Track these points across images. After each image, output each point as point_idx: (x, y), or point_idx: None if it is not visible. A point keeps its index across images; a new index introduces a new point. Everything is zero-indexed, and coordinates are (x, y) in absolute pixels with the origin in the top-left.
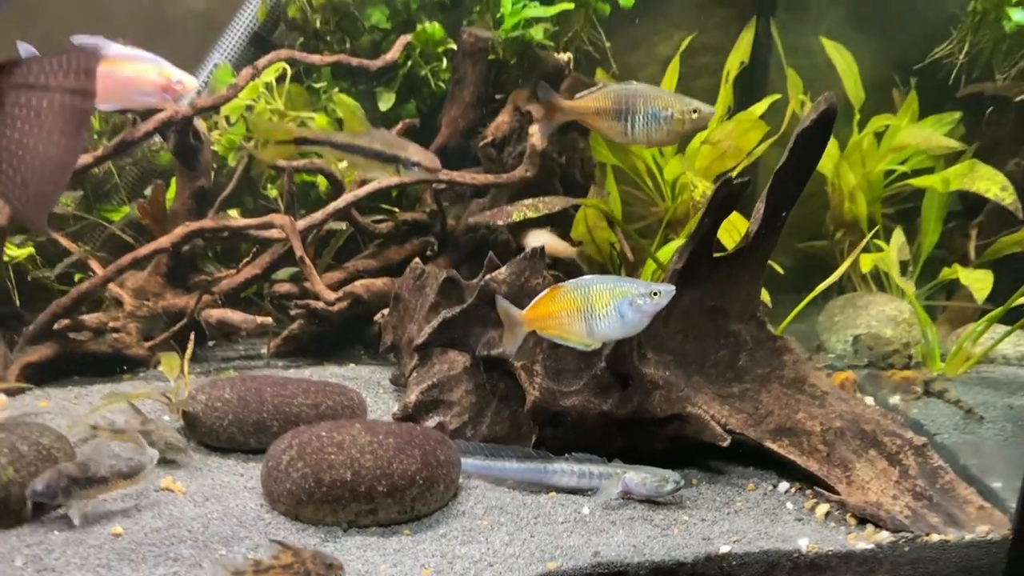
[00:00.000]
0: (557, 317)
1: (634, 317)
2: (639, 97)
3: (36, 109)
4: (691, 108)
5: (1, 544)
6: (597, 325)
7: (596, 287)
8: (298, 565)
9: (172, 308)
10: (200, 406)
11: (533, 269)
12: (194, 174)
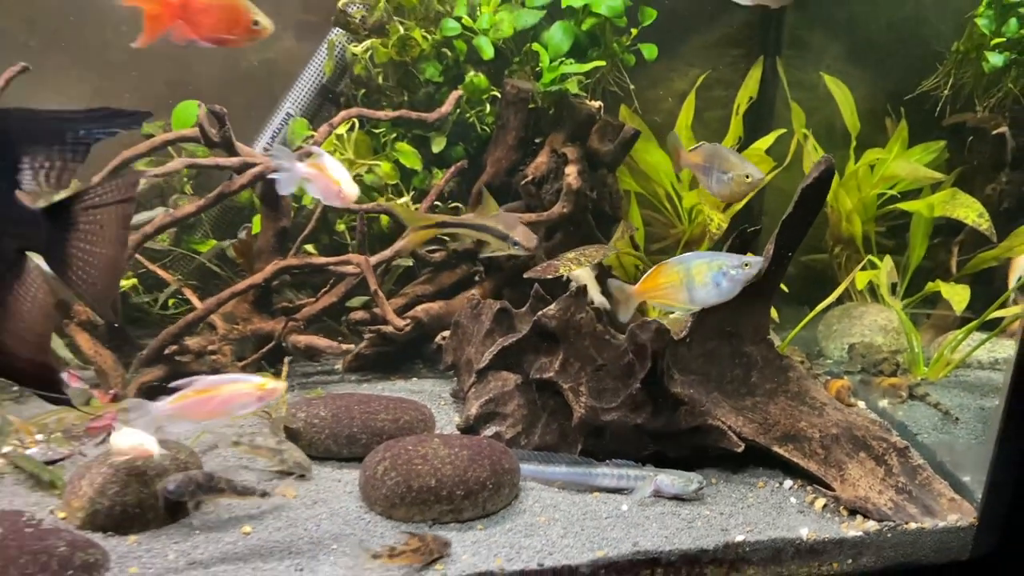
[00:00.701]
0: (663, 288)
1: (728, 285)
2: (716, 158)
3: (99, 223)
4: (745, 173)
5: (154, 541)
6: (697, 293)
7: (696, 262)
8: (423, 547)
9: (259, 332)
10: (300, 423)
11: (578, 305)
12: (277, 216)
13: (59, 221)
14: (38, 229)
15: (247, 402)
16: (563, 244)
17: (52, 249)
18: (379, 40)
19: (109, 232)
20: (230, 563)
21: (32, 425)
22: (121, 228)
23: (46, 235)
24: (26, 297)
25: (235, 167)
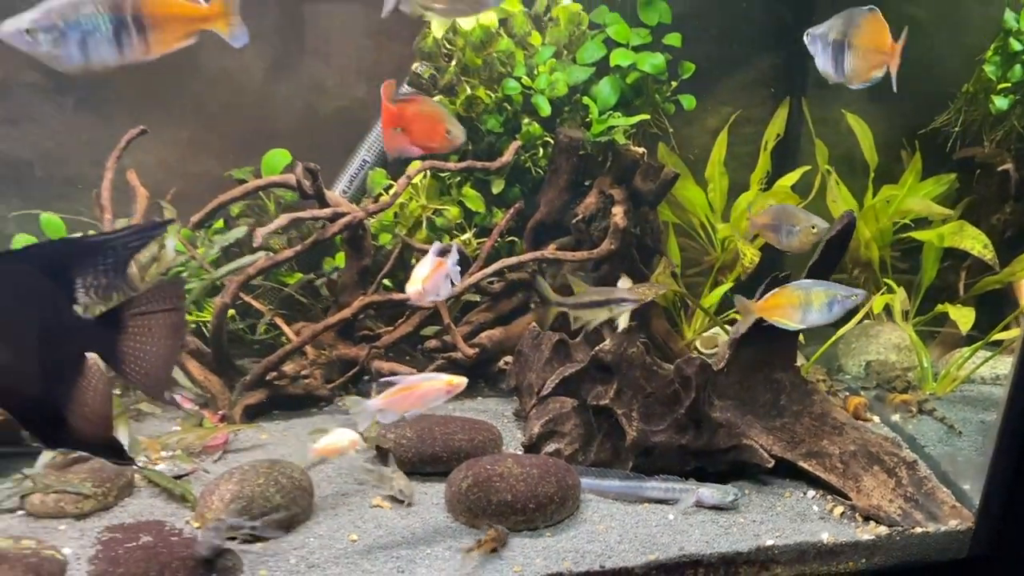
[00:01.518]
0: (782, 307)
1: (837, 310)
2: (783, 215)
3: (148, 326)
4: (811, 224)
5: (277, 548)
6: (810, 315)
7: (815, 288)
8: (500, 535)
9: (344, 357)
10: (391, 442)
11: (630, 341)
12: (359, 256)
13: (111, 326)
14: (93, 335)
15: (439, 396)
16: (608, 275)
17: (106, 350)
18: (447, 98)
19: (157, 334)
20: (343, 566)
21: (158, 443)
22: (168, 330)
23: (100, 339)
24: (88, 388)
25: (328, 217)
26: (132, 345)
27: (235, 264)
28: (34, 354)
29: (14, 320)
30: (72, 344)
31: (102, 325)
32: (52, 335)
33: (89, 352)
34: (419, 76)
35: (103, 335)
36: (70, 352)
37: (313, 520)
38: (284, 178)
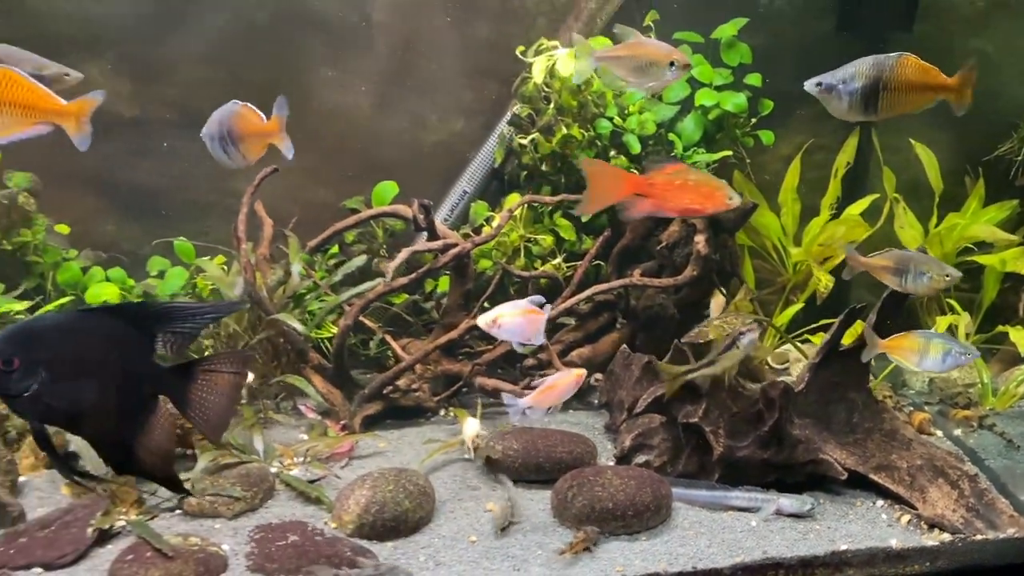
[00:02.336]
0: (904, 349)
1: (951, 362)
2: (910, 261)
3: (214, 381)
4: (945, 272)
5: (407, 547)
6: (926, 362)
7: (935, 340)
8: (590, 536)
9: (448, 372)
10: (499, 453)
11: None
12: (463, 281)
13: (183, 376)
14: (167, 381)
15: (573, 388)
16: (689, 298)
17: (176, 395)
18: (543, 136)
19: (220, 390)
20: (464, 564)
21: (291, 450)
22: (230, 389)
23: (172, 385)
24: (156, 426)
25: (440, 249)
26: (198, 395)
27: (357, 289)
28: (116, 392)
29: (103, 361)
30: (148, 387)
31: (175, 374)
32: (133, 377)
33: (161, 395)
34: (518, 116)
35: (175, 383)
36: (146, 394)
37: (435, 523)
38: (394, 208)
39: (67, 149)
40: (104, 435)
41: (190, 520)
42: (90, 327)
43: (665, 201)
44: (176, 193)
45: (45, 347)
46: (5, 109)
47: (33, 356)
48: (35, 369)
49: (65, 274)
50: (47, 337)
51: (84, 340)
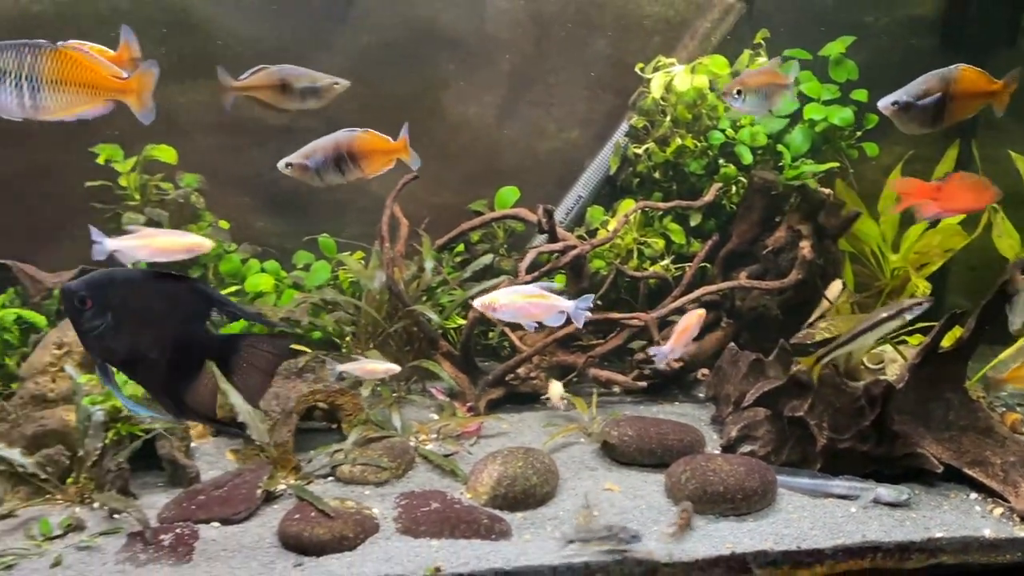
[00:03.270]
0: None
1: None
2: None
3: (254, 355)
4: None
5: (535, 517)
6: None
7: None
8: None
9: (563, 363)
10: (615, 439)
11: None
12: (579, 280)
13: (229, 347)
14: (216, 347)
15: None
16: (791, 300)
17: (221, 360)
18: (658, 146)
19: (259, 364)
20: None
21: (426, 427)
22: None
23: (220, 352)
24: (201, 383)
25: (560, 250)
26: (239, 364)
27: (484, 285)
28: (170, 347)
29: (163, 318)
30: (198, 349)
31: (224, 343)
32: (186, 338)
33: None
34: (634, 127)
35: (223, 350)
36: (198, 355)
37: (559, 498)
38: (515, 212)
39: (230, 154)
40: (155, 383)
41: (342, 486)
42: (158, 287)
43: (950, 203)
44: (318, 194)
45: (116, 295)
46: (73, 89)
47: (104, 301)
48: (104, 313)
49: (227, 265)
50: (119, 287)
51: (150, 296)
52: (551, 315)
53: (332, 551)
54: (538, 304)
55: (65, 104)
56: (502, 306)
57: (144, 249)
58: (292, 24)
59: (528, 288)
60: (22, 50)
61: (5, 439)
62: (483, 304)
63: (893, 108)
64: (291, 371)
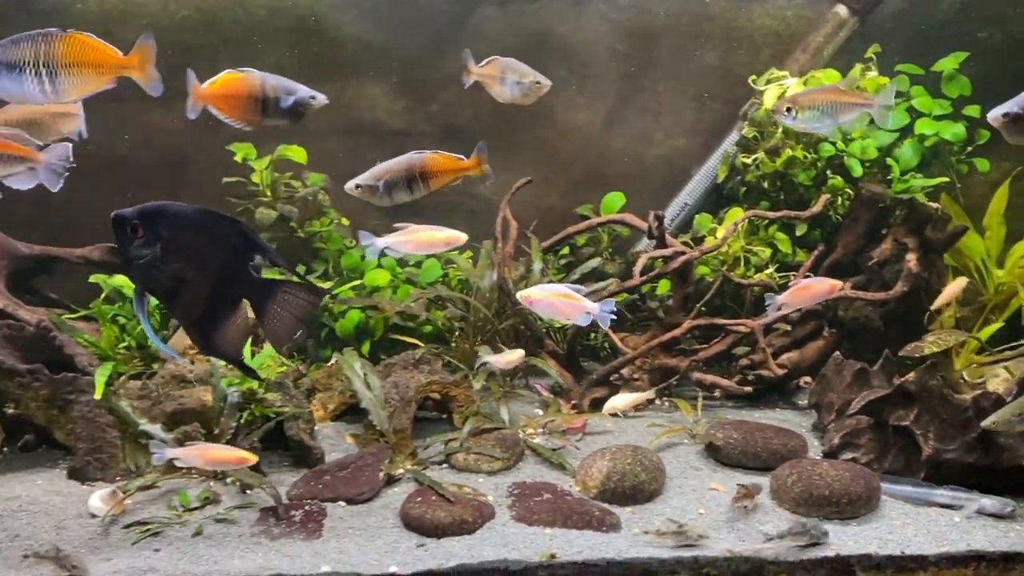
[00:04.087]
0: None
1: None
2: None
3: (289, 302)
4: None
5: (643, 512)
6: None
7: None
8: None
9: (665, 366)
10: (720, 441)
11: (931, 374)
12: (684, 285)
13: (265, 290)
14: (253, 289)
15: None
16: (894, 312)
17: (256, 302)
18: (768, 156)
19: (292, 310)
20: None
21: (533, 422)
22: (300, 312)
23: (256, 293)
24: (234, 322)
25: (670, 255)
26: (273, 308)
27: (593, 287)
28: (211, 284)
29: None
30: (237, 289)
31: (261, 285)
32: (228, 277)
33: (246, 299)
34: (745, 137)
35: (259, 292)
36: (236, 294)
37: (666, 495)
38: (622, 217)
39: (349, 154)
40: (191, 317)
41: (456, 473)
42: (208, 224)
43: None
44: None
45: (166, 227)
46: (85, 70)
47: (155, 231)
48: (153, 243)
49: (347, 260)
50: (171, 220)
51: (200, 233)
52: (578, 314)
53: (452, 534)
54: (567, 303)
55: (80, 85)
56: (536, 300)
57: (409, 243)
58: (412, 32)
59: (560, 287)
60: (36, 39)
61: (147, 415)
62: (522, 297)
63: (1003, 119)
64: (408, 362)
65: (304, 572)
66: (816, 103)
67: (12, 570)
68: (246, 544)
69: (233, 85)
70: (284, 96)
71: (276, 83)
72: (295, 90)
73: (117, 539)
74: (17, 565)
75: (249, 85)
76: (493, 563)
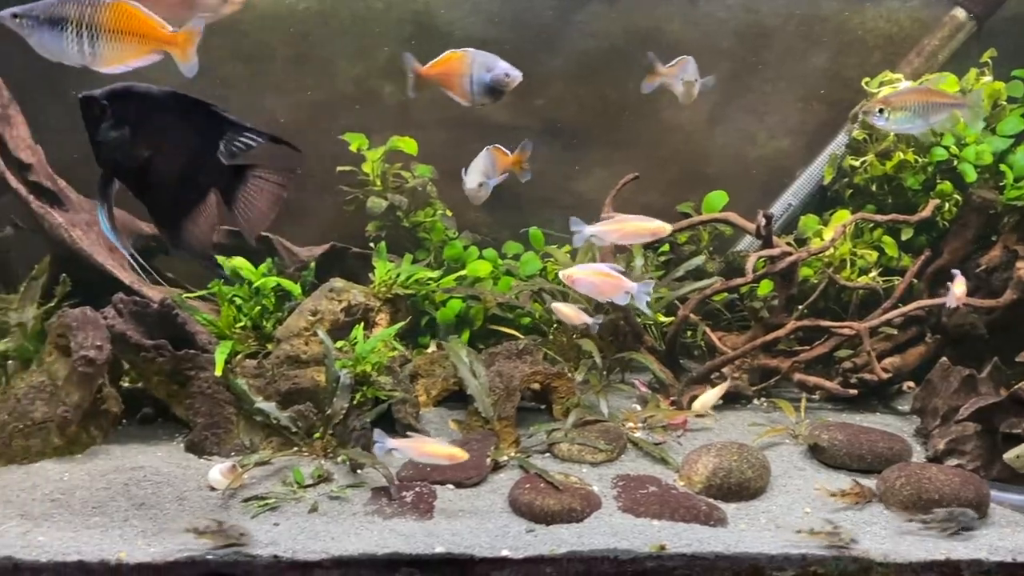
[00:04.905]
0: None
1: None
2: None
3: (260, 187)
4: None
5: (748, 509)
6: None
7: None
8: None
9: (765, 366)
10: (825, 442)
11: None
12: (788, 286)
13: (236, 176)
14: (223, 176)
15: None
16: (1000, 320)
17: (226, 191)
18: (878, 159)
19: (264, 196)
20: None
21: (634, 416)
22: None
23: (226, 181)
24: (203, 212)
25: (778, 256)
26: (244, 195)
27: (696, 285)
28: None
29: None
30: (206, 177)
31: (231, 172)
32: (196, 163)
33: (215, 187)
34: (855, 139)
35: (228, 179)
36: (205, 183)
37: (770, 493)
38: (725, 216)
39: (452, 147)
40: (160, 205)
41: (559, 463)
42: (178, 108)
43: None
44: (527, 189)
45: (135, 109)
46: (128, 39)
47: (123, 113)
48: (121, 124)
49: (450, 251)
50: (140, 101)
51: (169, 115)
52: (618, 294)
53: (561, 521)
54: (608, 282)
55: (120, 53)
56: (578, 279)
57: (615, 233)
58: (520, 28)
59: (601, 266)
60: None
61: (262, 394)
62: (564, 276)
63: None
64: (512, 352)
65: (419, 551)
66: (907, 104)
67: (140, 536)
68: (360, 522)
69: (449, 64)
70: (483, 73)
71: (482, 60)
72: (494, 66)
73: (237, 512)
74: (146, 532)
75: (460, 63)
76: (603, 551)
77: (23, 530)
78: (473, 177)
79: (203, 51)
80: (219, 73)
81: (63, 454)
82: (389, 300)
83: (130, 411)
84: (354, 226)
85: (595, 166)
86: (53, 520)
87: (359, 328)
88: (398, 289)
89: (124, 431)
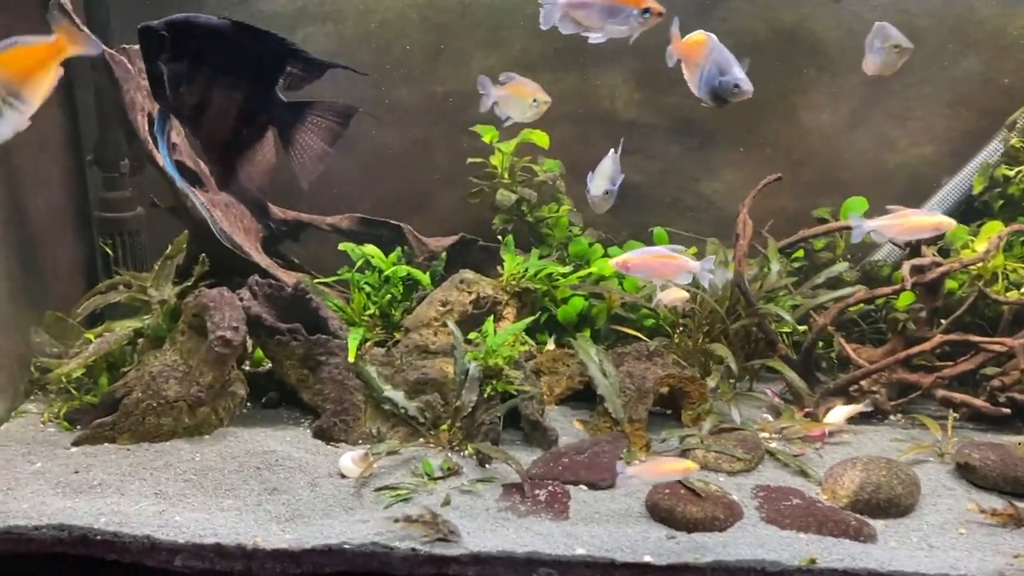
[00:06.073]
0: None
1: None
2: None
3: (319, 126)
4: None
5: (898, 527)
6: None
7: None
8: None
9: (904, 381)
10: (977, 461)
11: None
12: (933, 298)
13: (295, 114)
14: (281, 114)
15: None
16: None
17: (284, 130)
18: None
19: (322, 135)
20: (958, 551)
21: (769, 426)
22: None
23: (284, 119)
24: (259, 153)
25: (927, 266)
26: (302, 135)
27: (836, 294)
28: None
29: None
30: (264, 115)
31: (289, 109)
32: (255, 100)
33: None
34: (1013, 148)
35: (287, 117)
36: (263, 119)
37: (920, 511)
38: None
39: (579, 143)
40: (216, 143)
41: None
42: (239, 41)
43: None
44: (651, 188)
45: (196, 40)
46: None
47: (183, 45)
48: (180, 56)
49: (575, 247)
50: (200, 33)
51: (230, 49)
52: (680, 274)
53: (704, 529)
54: (668, 264)
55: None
56: (635, 264)
57: (895, 227)
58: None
59: (659, 249)
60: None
61: (390, 382)
62: (617, 263)
63: None
64: (642, 353)
65: (560, 553)
66: None
67: (274, 522)
68: (495, 519)
69: (690, 46)
70: (715, 73)
71: (719, 58)
72: (728, 70)
73: (369, 501)
74: (280, 518)
75: (698, 52)
76: (749, 562)
77: (159, 509)
78: (599, 184)
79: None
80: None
81: (192, 434)
82: (516, 294)
83: (252, 395)
84: (476, 218)
85: (725, 167)
86: (187, 500)
87: (490, 321)
88: (527, 283)
89: (248, 414)
